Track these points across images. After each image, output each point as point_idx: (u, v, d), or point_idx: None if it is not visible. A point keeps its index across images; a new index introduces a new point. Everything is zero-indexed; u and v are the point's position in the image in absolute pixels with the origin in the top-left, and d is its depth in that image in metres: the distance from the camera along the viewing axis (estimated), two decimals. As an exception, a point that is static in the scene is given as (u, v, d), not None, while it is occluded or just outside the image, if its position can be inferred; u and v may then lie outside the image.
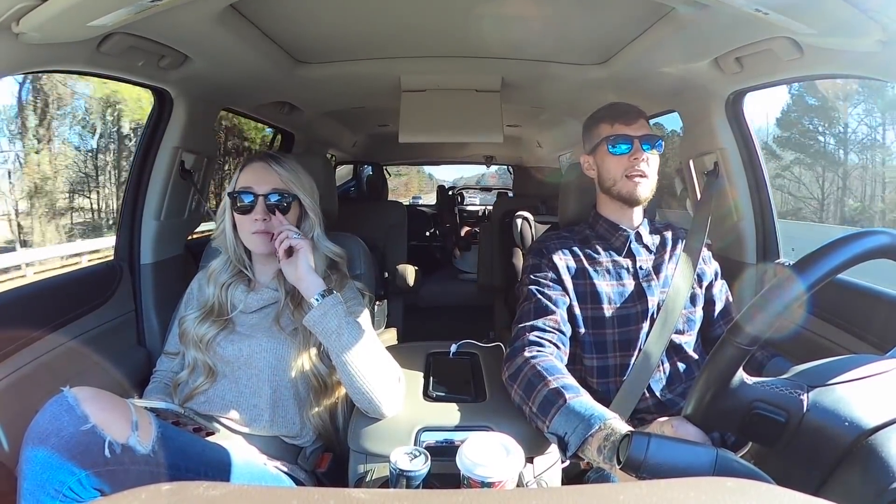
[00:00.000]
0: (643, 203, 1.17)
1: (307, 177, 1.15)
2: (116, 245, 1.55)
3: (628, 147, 1.13)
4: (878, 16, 0.80)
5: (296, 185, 1.12)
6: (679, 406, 1.09)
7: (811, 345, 1.25)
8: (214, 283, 1.16)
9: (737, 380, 0.62)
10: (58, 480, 0.73)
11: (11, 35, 0.85)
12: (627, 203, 1.16)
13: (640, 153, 1.11)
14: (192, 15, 1.02)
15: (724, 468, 0.60)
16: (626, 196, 1.14)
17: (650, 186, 1.15)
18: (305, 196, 1.13)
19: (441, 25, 1.31)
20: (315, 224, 1.15)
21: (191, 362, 1.11)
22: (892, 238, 0.62)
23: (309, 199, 1.13)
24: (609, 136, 1.14)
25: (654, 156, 1.14)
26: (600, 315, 1.12)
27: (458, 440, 0.91)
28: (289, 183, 1.11)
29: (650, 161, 1.13)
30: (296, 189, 1.11)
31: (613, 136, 1.14)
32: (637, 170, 1.12)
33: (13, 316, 1.13)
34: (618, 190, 1.15)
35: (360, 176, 4.19)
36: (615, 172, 1.14)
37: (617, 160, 1.14)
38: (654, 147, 1.13)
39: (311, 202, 1.14)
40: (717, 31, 1.10)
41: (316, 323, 0.97)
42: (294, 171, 1.13)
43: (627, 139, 1.13)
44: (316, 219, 1.15)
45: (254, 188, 1.09)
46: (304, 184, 1.14)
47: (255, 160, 1.13)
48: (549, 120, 2.80)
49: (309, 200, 1.13)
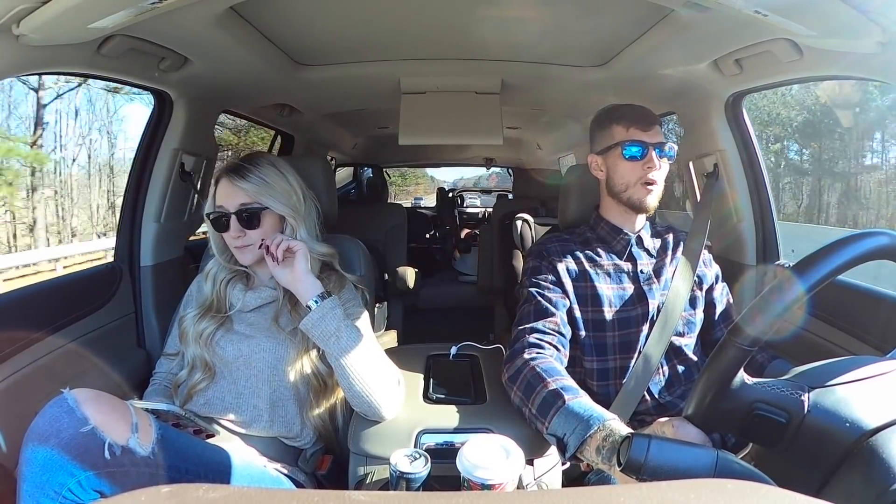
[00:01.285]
0: (651, 212, 1.16)
1: (281, 180, 1.10)
2: (116, 247, 1.55)
3: (643, 153, 1.11)
4: (878, 17, 0.80)
5: (264, 195, 1.07)
6: (678, 408, 1.08)
7: (812, 346, 1.24)
8: (213, 279, 1.15)
9: (737, 381, 0.62)
10: (57, 482, 0.73)
11: (12, 37, 0.85)
12: (635, 210, 1.15)
13: (654, 161, 1.10)
14: (193, 17, 1.02)
15: (724, 470, 0.60)
16: (637, 203, 1.13)
17: (659, 195, 1.14)
18: (277, 203, 1.07)
19: (441, 27, 1.31)
20: (297, 228, 1.10)
21: (190, 360, 1.11)
22: (892, 239, 0.62)
23: (283, 205, 1.08)
24: (624, 140, 1.12)
25: (665, 164, 1.13)
26: (600, 318, 1.11)
27: (458, 442, 0.91)
28: (256, 195, 1.06)
29: (662, 169, 1.12)
30: (265, 199, 1.07)
31: (629, 141, 1.11)
32: (650, 178, 1.11)
33: (13, 317, 1.13)
34: (628, 196, 1.14)
35: (360, 178, 4.19)
36: (628, 178, 1.13)
37: (631, 166, 1.12)
38: (666, 154, 1.12)
39: (287, 208, 1.09)
40: (716, 33, 1.10)
41: (313, 326, 0.97)
42: (263, 179, 1.07)
43: (643, 145, 1.11)
44: (298, 223, 1.10)
45: (224, 206, 1.07)
46: (277, 189, 1.08)
47: (222, 176, 1.09)
48: (549, 122, 2.80)
49: (282, 206, 1.08)
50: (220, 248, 1.15)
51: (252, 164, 1.09)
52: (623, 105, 1.17)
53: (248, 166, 1.08)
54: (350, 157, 3.86)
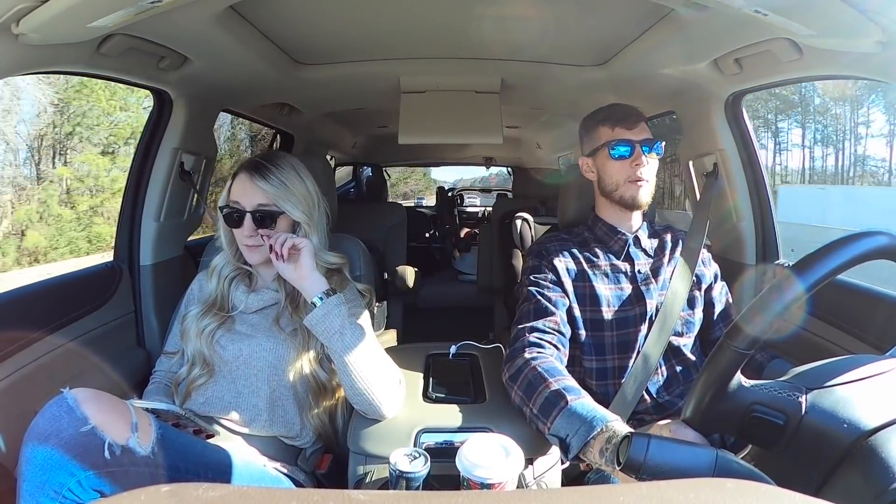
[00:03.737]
0: (644, 208, 1.16)
1: (301, 184, 1.09)
2: (116, 246, 1.55)
3: (630, 152, 1.12)
4: (878, 17, 0.80)
5: (283, 199, 1.06)
6: (677, 407, 1.09)
7: (810, 345, 1.25)
8: (217, 277, 1.15)
9: (735, 383, 0.62)
10: (57, 482, 0.73)
11: (11, 36, 0.85)
12: (628, 207, 1.16)
13: (642, 158, 1.11)
14: (192, 16, 1.02)
15: (724, 469, 0.60)
16: (628, 201, 1.14)
17: (650, 190, 1.15)
18: (294, 209, 1.07)
19: (441, 26, 1.31)
20: (310, 235, 1.08)
21: (190, 357, 1.11)
22: (892, 239, 0.62)
23: (299, 211, 1.07)
24: (610, 140, 1.13)
25: (654, 159, 1.14)
26: (599, 318, 1.12)
27: (457, 441, 0.91)
28: (275, 198, 1.05)
29: (651, 165, 1.13)
30: (283, 204, 1.06)
31: (615, 140, 1.13)
32: (638, 175, 1.12)
33: (13, 317, 1.13)
34: (619, 195, 1.15)
35: (360, 177, 4.19)
36: (617, 177, 1.14)
37: (619, 165, 1.13)
38: (653, 150, 1.13)
39: (303, 214, 1.08)
40: (716, 33, 1.10)
41: (318, 323, 0.96)
42: (283, 182, 1.06)
43: (629, 143, 1.12)
44: (311, 230, 1.09)
45: (240, 203, 1.06)
46: (296, 194, 1.07)
47: (242, 171, 1.08)
48: (549, 121, 2.80)
49: (299, 213, 1.07)
50: (228, 240, 1.15)
51: (274, 164, 1.08)
52: (608, 106, 1.18)
53: (270, 166, 1.07)
54: (350, 156, 3.86)
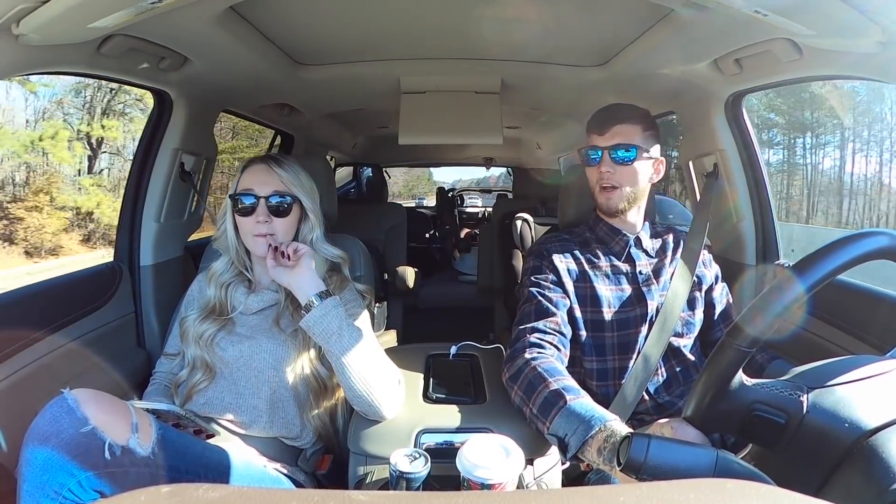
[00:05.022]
0: (621, 214, 1.16)
1: (308, 179, 1.16)
2: (116, 246, 1.54)
3: (597, 159, 1.13)
4: (878, 17, 0.80)
5: (296, 187, 1.12)
6: (677, 407, 1.09)
7: (811, 346, 1.25)
8: (216, 283, 1.16)
9: (736, 381, 0.62)
10: (57, 482, 0.73)
11: (11, 37, 0.85)
12: (604, 213, 1.17)
13: (607, 165, 1.11)
14: (193, 17, 1.02)
15: (724, 469, 0.60)
16: (602, 207, 1.16)
17: (624, 197, 1.13)
18: (306, 198, 1.13)
19: (441, 27, 1.31)
20: (315, 226, 1.15)
21: (191, 361, 1.11)
22: (892, 239, 0.61)
23: (309, 201, 1.14)
24: (585, 147, 1.16)
25: (625, 166, 1.11)
26: (600, 318, 1.11)
27: (457, 442, 0.91)
28: (290, 185, 1.11)
29: (620, 172, 1.12)
30: (297, 191, 1.12)
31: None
32: (603, 183, 1.12)
33: (13, 317, 1.13)
34: (597, 200, 1.17)
35: (360, 178, 4.18)
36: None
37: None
38: (625, 156, 1.11)
39: (312, 204, 1.15)
40: (716, 33, 1.10)
41: (315, 324, 0.96)
42: (295, 173, 1.13)
43: (596, 150, 1.13)
44: (316, 221, 1.15)
45: (255, 190, 1.09)
46: (305, 186, 1.14)
47: (256, 162, 1.14)
48: (549, 121, 2.79)
49: (309, 202, 1.14)
50: (231, 240, 1.14)
51: (285, 157, 1.16)
52: (601, 109, 1.19)
53: (282, 158, 1.14)
54: (350, 156, 3.85)
